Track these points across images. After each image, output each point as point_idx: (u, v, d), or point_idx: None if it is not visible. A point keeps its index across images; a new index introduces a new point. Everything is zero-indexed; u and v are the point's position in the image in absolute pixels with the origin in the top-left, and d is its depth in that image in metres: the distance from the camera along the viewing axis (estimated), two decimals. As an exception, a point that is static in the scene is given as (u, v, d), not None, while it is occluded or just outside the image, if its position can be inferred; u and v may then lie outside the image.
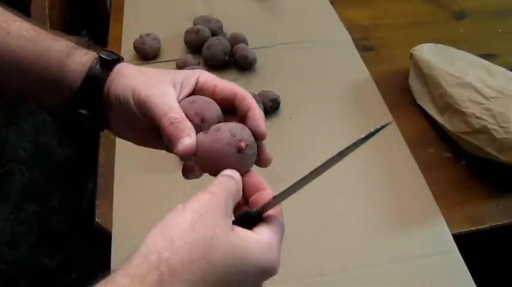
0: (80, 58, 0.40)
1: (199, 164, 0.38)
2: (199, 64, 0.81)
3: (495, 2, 1.05)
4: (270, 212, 0.35)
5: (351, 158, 0.74)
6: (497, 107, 0.65)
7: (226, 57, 0.82)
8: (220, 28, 0.89)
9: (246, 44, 0.85)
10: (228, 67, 0.84)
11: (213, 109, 0.38)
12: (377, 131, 0.36)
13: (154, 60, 0.86)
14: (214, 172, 0.36)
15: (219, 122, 0.38)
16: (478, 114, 0.66)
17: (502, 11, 1.02)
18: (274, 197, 0.35)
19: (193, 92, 0.40)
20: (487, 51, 0.86)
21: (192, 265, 0.28)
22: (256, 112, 0.39)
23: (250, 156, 0.38)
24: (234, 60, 0.83)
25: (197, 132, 0.37)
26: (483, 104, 0.66)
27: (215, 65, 0.82)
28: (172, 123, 0.35)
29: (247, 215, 0.35)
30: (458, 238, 0.60)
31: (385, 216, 0.63)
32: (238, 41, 0.85)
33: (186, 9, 0.97)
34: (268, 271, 0.33)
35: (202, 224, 0.30)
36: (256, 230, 0.33)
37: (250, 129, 0.38)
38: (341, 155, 0.38)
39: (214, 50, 0.81)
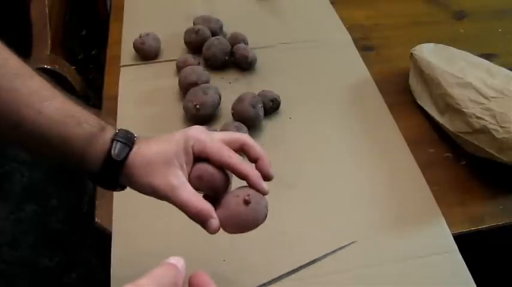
0: (97, 149, 0.44)
1: (226, 230, 0.44)
2: (199, 64, 0.81)
3: (495, 2, 1.05)
4: None
5: (351, 158, 0.74)
6: (497, 107, 0.65)
7: (226, 57, 0.82)
8: (220, 28, 0.89)
9: (246, 44, 0.85)
10: (228, 67, 0.84)
11: (217, 179, 0.45)
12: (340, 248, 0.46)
13: (154, 60, 0.86)
14: (239, 231, 0.45)
15: (226, 183, 0.46)
16: (478, 114, 0.66)
17: (502, 11, 1.02)
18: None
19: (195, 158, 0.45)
20: (487, 51, 0.86)
21: None
22: (265, 161, 0.46)
23: (258, 206, 0.44)
24: (234, 60, 0.83)
25: (211, 200, 0.45)
26: (483, 104, 0.66)
27: (215, 65, 0.82)
28: (197, 212, 0.43)
29: None
30: (458, 238, 0.60)
31: (385, 216, 0.63)
32: (238, 41, 0.84)
33: (186, 9, 0.97)
34: None
35: None
36: None
37: (261, 174, 0.45)
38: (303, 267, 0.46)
39: (214, 50, 0.81)
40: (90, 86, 0.89)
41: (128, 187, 0.47)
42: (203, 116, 0.72)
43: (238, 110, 0.71)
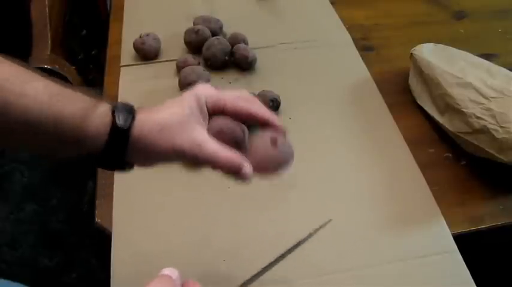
0: (96, 123, 0.40)
1: (260, 174, 0.45)
2: (199, 64, 0.81)
3: (495, 2, 1.05)
4: None
5: (351, 158, 0.74)
6: (497, 107, 0.65)
7: (226, 57, 0.82)
8: (220, 28, 0.89)
9: (246, 44, 0.85)
10: (228, 67, 0.84)
11: (238, 130, 0.44)
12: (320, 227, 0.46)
13: (154, 60, 0.86)
14: (270, 173, 0.46)
15: (245, 133, 0.45)
16: (478, 114, 0.66)
17: (502, 11, 1.02)
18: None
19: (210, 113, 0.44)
20: (487, 51, 0.86)
21: None
22: (275, 120, 0.46)
23: (285, 144, 0.45)
24: (234, 60, 0.83)
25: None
26: (483, 104, 0.66)
27: (215, 65, 0.82)
28: (228, 161, 0.42)
29: None
30: (458, 238, 0.60)
31: (385, 216, 0.63)
32: (238, 41, 0.84)
33: (186, 9, 0.97)
34: None
35: None
36: None
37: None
38: (289, 251, 0.46)
39: (214, 50, 0.81)
40: (90, 86, 0.89)
41: (136, 168, 0.45)
42: (203, 116, 0.72)
43: (238, 110, 0.71)
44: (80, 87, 0.42)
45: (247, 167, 0.42)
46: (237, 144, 0.44)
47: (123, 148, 0.41)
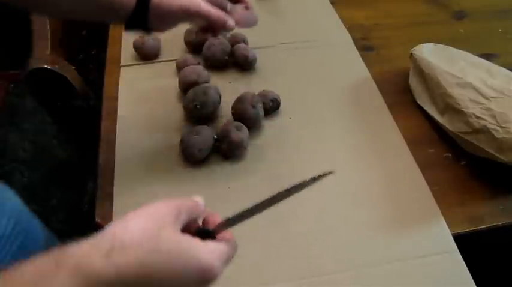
0: None
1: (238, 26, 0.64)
2: (199, 64, 0.81)
3: (495, 2, 1.05)
4: (223, 234, 0.41)
5: (351, 158, 0.74)
6: (497, 107, 0.65)
7: (226, 57, 0.82)
8: (220, 28, 0.89)
9: (246, 44, 0.85)
10: (228, 67, 0.84)
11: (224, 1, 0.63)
12: (320, 177, 0.48)
13: (154, 60, 0.86)
14: (243, 27, 0.67)
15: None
16: (478, 114, 0.66)
17: (502, 11, 1.02)
18: (228, 219, 0.42)
19: None
20: (487, 51, 0.86)
21: (140, 244, 0.34)
22: None
23: (253, 13, 0.69)
24: (234, 60, 0.83)
25: None
26: (483, 104, 0.66)
27: (215, 65, 0.82)
28: (218, 16, 0.59)
29: (201, 230, 0.41)
30: (458, 238, 0.60)
31: (385, 216, 0.63)
32: (238, 41, 0.85)
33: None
34: (206, 271, 0.36)
35: (153, 220, 0.36)
36: (206, 242, 0.38)
37: None
38: (291, 191, 0.47)
39: (214, 50, 0.81)
40: (90, 86, 0.89)
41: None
42: (203, 116, 0.72)
43: (238, 110, 0.71)
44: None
45: (231, 21, 0.60)
46: (223, 8, 0.62)
47: (146, 12, 0.57)
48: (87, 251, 0.33)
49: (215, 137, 0.69)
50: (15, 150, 1.52)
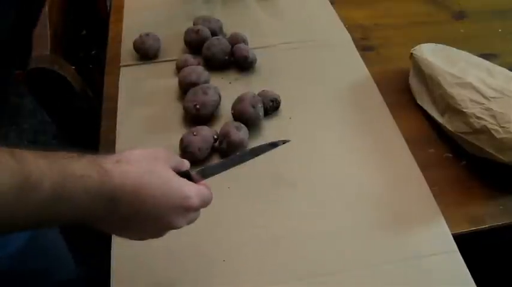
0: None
1: None
2: (199, 64, 0.81)
3: (495, 2, 1.05)
4: (201, 182, 0.49)
5: (351, 158, 0.74)
6: (497, 107, 0.65)
7: (226, 57, 0.82)
8: (220, 28, 0.89)
9: (246, 44, 0.85)
10: (228, 67, 0.84)
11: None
12: (282, 143, 0.57)
13: (154, 60, 0.86)
14: None
15: None
16: (478, 114, 0.66)
17: (502, 11, 1.02)
18: (203, 169, 0.51)
19: None
20: (487, 51, 0.86)
21: (141, 163, 0.43)
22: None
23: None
24: (234, 60, 0.83)
25: None
26: (483, 104, 0.66)
27: (215, 65, 0.82)
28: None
29: (185, 172, 0.48)
30: (458, 238, 0.60)
31: (385, 216, 0.63)
32: (238, 41, 0.84)
33: (186, 9, 0.97)
34: (185, 198, 0.44)
35: (151, 153, 0.45)
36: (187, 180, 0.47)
37: None
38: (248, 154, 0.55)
39: (214, 50, 0.81)
40: (90, 86, 0.89)
41: None
42: (203, 116, 0.72)
43: (238, 110, 0.71)
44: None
45: None
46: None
47: None
48: (101, 156, 0.42)
49: (215, 137, 0.69)
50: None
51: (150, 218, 0.43)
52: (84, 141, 0.89)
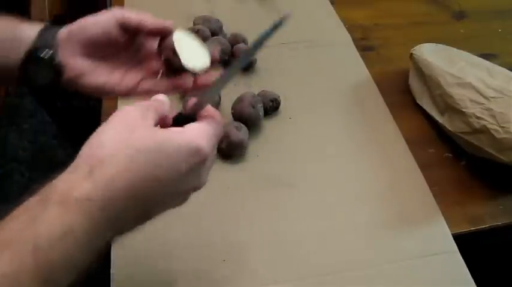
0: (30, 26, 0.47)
1: None
2: (199, 64, 0.80)
3: (495, 2, 1.05)
4: (204, 114, 0.40)
5: (351, 158, 0.74)
6: (497, 107, 0.65)
7: (226, 57, 0.82)
8: (220, 28, 0.89)
9: (246, 44, 0.85)
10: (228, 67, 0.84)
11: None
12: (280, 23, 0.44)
13: (154, 60, 0.85)
14: None
15: None
16: (478, 114, 0.66)
17: (502, 11, 1.02)
18: (202, 95, 0.40)
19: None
20: (487, 51, 0.86)
21: (118, 155, 0.33)
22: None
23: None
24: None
25: None
26: (483, 104, 0.66)
27: (215, 65, 0.82)
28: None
29: (179, 117, 0.39)
30: (458, 238, 0.60)
31: (385, 216, 0.63)
32: (238, 41, 0.84)
33: (186, 9, 0.97)
34: (193, 153, 0.36)
35: (123, 126, 0.35)
36: (186, 126, 0.37)
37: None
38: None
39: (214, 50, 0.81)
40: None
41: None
42: (203, 116, 0.72)
43: (238, 110, 0.71)
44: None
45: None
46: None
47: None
48: (68, 179, 0.33)
49: (215, 137, 0.68)
50: (15, 150, 1.52)
51: (168, 196, 0.37)
52: (84, 141, 0.89)
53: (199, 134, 0.36)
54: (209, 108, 0.40)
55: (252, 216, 0.62)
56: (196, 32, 0.84)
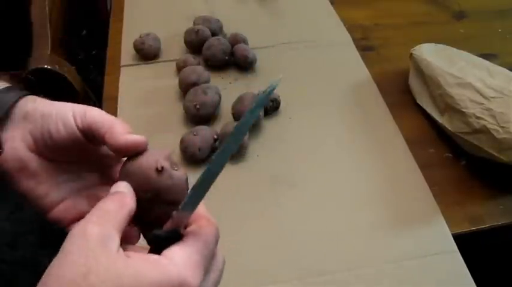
0: None
1: None
2: (199, 64, 0.81)
3: (495, 2, 1.05)
4: (191, 227, 0.32)
5: (351, 158, 0.74)
6: (497, 107, 0.65)
7: (226, 57, 0.82)
8: (220, 28, 0.89)
9: (246, 44, 0.85)
10: (228, 67, 0.84)
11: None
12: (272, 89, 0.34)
13: (154, 60, 0.86)
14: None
15: None
16: (478, 114, 0.66)
17: (502, 11, 1.02)
18: (184, 203, 0.32)
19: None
20: (487, 51, 0.86)
21: None
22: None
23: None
24: (234, 60, 0.83)
25: None
26: (483, 104, 0.66)
27: (215, 65, 0.82)
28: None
29: (155, 237, 0.30)
30: (458, 238, 0.60)
31: (385, 216, 0.63)
32: (238, 41, 0.84)
33: (186, 9, 0.97)
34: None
35: (70, 263, 0.26)
36: (165, 252, 0.29)
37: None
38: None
39: (214, 50, 0.81)
40: (90, 86, 0.89)
41: None
42: (203, 116, 0.72)
43: (238, 110, 0.71)
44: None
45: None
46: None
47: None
48: None
49: (215, 137, 0.69)
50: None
51: None
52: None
53: (182, 263, 0.28)
54: (201, 216, 0.33)
55: (251, 216, 0.62)
56: (196, 32, 0.84)
